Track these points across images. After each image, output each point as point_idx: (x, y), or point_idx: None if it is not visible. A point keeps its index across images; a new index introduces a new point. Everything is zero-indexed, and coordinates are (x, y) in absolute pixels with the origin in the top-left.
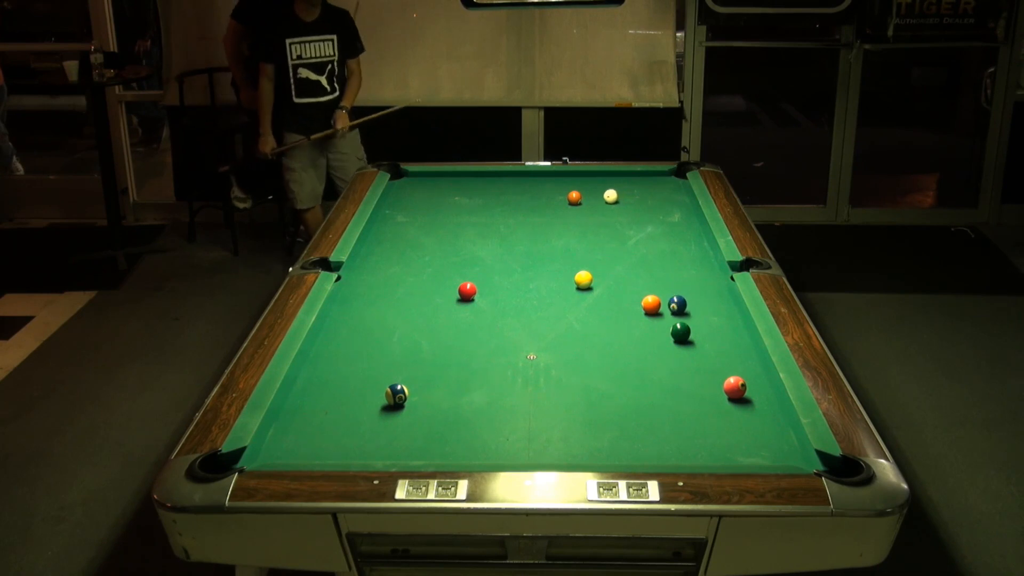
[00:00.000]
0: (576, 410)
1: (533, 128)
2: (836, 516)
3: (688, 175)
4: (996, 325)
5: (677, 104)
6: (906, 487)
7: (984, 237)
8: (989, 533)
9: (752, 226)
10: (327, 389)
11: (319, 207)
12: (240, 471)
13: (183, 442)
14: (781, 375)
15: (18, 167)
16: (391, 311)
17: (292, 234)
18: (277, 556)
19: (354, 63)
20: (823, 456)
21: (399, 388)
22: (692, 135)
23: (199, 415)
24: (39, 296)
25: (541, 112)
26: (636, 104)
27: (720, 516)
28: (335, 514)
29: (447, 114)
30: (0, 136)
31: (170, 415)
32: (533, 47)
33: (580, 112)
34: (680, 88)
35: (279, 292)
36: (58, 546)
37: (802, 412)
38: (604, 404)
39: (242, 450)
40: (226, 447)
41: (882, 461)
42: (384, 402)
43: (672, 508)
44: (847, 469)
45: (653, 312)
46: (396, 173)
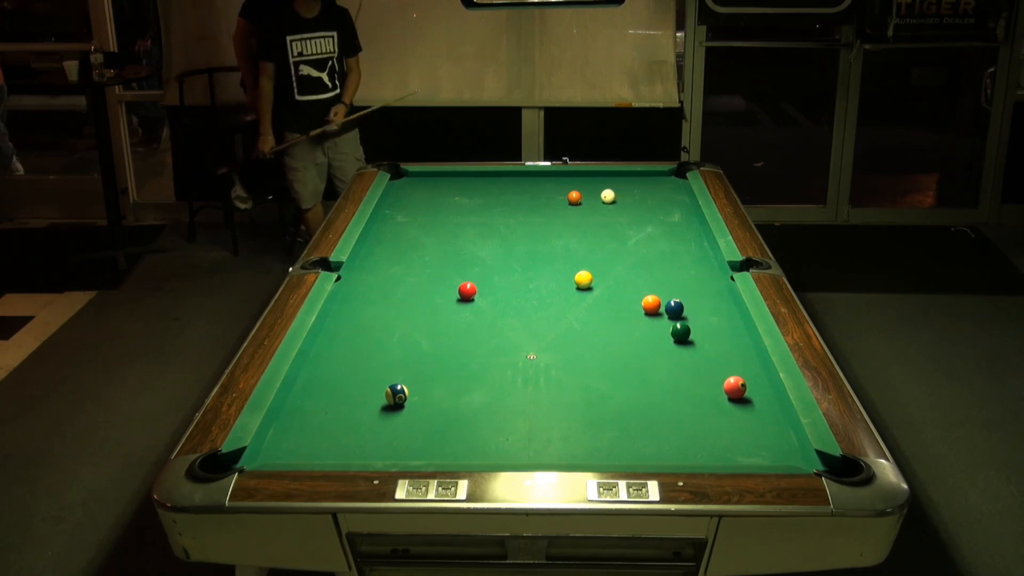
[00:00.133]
0: (576, 410)
1: (533, 128)
2: (836, 516)
3: (688, 175)
4: (996, 325)
5: (677, 104)
6: (906, 487)
7: (984, 237)
8: (989, 533)
9: (752, 226)
10: (327, 389)
11: (320, 205)
12: (240, 471)
13: (183, 442)
14: (781, 375)
15: (18, 167)
16: (391, 311)
17: (292, 234)
18: (277, 556)
19: (353, 61)
20: (823, 456)
21: (399, 388)
22: (692, 135)
23: (199, 415)
24: (39, 296)
25: (541, 112)
26: (636, 104)
27: (720, 516)
28: (335, 514)
29: (447, 114)
30: (0, 136)
31: (170, 415)
32: (533, 47)
33: (580, 112)
34: (680, 88)
35: (279, 292)
36: (58, 546)
37: (802, 412)
38: (604, 404)
39: (242, 450)
40: (226, 447)
41: (882, 461)
42: (384, 402)
43: (672, 508)
44: (847, 469)
45: (653, 312)
46: (396, 173)
